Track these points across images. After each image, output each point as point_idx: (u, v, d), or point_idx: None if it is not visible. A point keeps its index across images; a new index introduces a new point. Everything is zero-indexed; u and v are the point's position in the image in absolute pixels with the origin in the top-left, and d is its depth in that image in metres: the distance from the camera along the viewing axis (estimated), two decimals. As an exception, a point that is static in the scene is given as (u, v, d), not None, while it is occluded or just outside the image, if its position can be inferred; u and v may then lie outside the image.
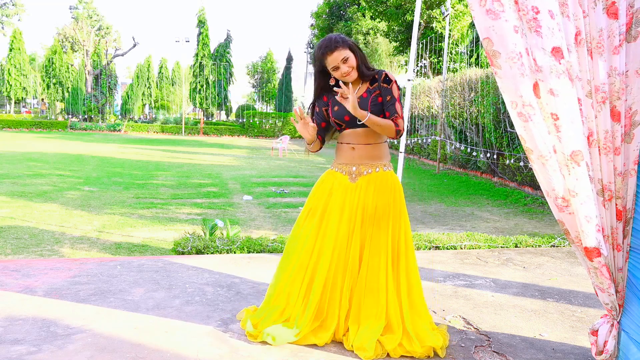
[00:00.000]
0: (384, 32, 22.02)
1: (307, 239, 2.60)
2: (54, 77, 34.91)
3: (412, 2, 17.71)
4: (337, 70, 2.53)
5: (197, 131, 31.58)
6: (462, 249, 4.73)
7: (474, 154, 11.25)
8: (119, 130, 31.17)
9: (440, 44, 17.53)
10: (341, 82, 2.46)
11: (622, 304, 2.14)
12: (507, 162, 9.34)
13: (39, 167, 11.71)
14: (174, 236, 5.54)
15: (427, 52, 17.85)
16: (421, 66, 17.94)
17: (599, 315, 3.05)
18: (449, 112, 12.59)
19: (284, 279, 2.63)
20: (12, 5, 41.73)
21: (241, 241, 4.53)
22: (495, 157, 10.12)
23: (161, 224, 6.29)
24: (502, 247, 4.86)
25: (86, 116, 34.49)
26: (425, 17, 17.64)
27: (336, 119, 2.63)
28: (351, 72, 2.54)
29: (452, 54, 18.13)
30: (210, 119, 37.65)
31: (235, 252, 4.35)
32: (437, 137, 13.27)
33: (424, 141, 14.81)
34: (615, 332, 2.15)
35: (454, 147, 12.70)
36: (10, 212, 6.62)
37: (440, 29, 17.48)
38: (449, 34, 15.40)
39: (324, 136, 2.75)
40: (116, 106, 39.26)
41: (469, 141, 11.73)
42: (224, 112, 40.11)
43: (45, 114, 38.43)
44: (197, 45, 36.00)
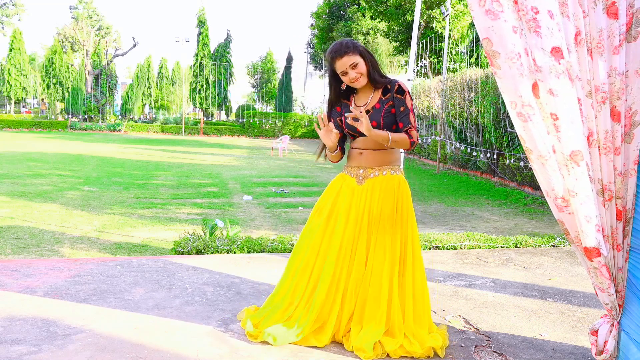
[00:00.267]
0: (384, 32, 22.03)
1: (314, 238, 2.63)
2: (54, 77, 34.88)
3: (412, 2, 17.71)
4: (345, 75, 2.54)
5: (197, 131, 31.56)
6: (462, 249, 4.74)
7: (474, 154, 11.25)
8: (119, 130, 31.15)
9: (440, 44, 17.53)
10: (351, 107, 2.49)
11: (622, 304, 2.15)
12: (507, 162, 9.34)
13: (39, 167, 11.70)
14: (174, 236, 5.54)
15: (427, 52, 17.86)
16: (421, 66, 17.95)
17: (599, 315, 3.05)
18: (449, 112, 12.59)
19: (290, 276, 2.67)
20: (12, 5, 41.72)
21: (241, 241, 4.54)
22: (495, 157, 10.12)
23: (161, 224, 6.30)
24: (502, 247, 4.86)
25: (86, 116, 34.45)
26: (425, 17, 17.65)
27: (349, 130, 2.65)
28: (359, 79, 2.54)
29: (452, 54, 18.13)
30: (210, 119, 37.62)
31: (235, 252, 4.36)
32: (437, 137, 13.27)
33: (424, 141, 14.81)
34: (615, 332, 2.15)
35: (454, 147, 12.71)
36: (10, 212, 6.62)
37: (440, 29, 17.48)
38: (449, 34, 15.40)
39: (343, 145, 2.77)
40: (116, 106, 39.22)
41: (469, 141, 11.73)
42: (224, 112, 40.09)
43: (45, 114, 38.38)
44: (197, 45, 35.99)
